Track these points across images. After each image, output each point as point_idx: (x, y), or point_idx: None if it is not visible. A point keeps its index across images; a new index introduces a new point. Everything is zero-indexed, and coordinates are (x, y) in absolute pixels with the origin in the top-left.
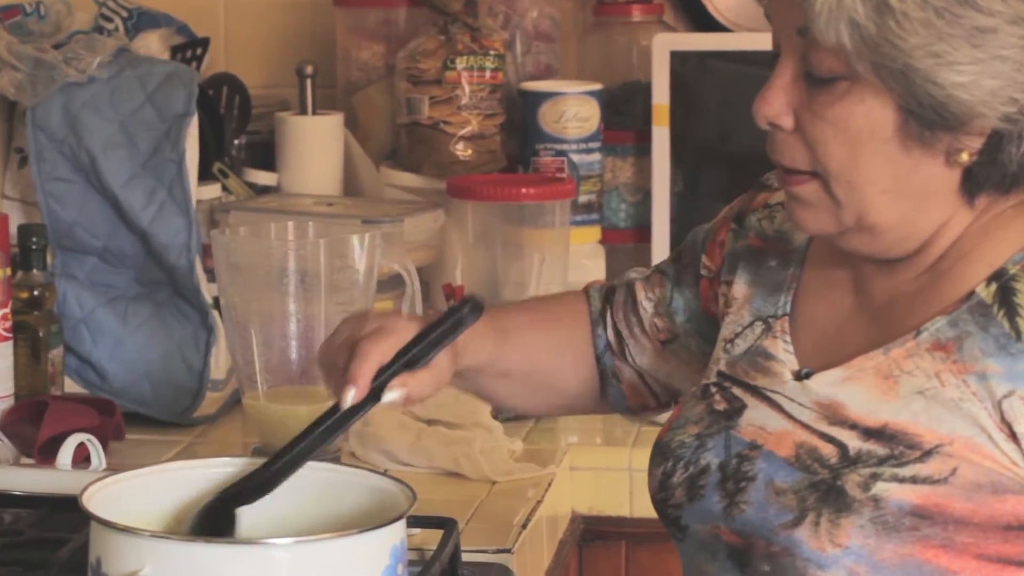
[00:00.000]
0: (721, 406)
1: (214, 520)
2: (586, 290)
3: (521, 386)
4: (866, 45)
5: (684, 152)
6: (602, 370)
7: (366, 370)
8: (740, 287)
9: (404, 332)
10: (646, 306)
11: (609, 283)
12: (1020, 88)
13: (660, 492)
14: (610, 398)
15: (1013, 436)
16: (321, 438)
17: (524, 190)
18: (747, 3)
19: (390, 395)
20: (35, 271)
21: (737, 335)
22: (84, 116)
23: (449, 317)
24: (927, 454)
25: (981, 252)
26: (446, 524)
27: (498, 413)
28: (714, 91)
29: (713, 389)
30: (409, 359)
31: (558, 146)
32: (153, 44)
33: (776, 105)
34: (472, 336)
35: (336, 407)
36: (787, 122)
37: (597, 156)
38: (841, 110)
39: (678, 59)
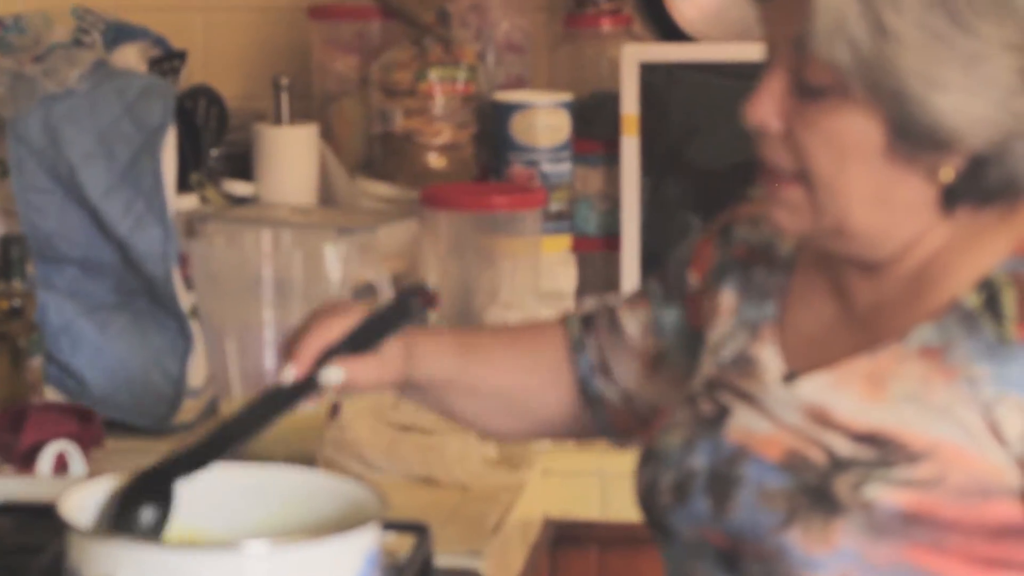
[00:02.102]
0: (708, 410)
1: (146, 491)
2: (563, 319)
3: (489, 404)
4: (862, 64)
5: (653, 161)
6: (588, 397)
7: (311, 347)
8: (727, 297)
9: (352, 316)
10: (633, 327)
11: (586, 310)
12: (1007, 113)
13: (647, 496)
14: (597, 425)
15: (1001, 440)
16: (260, 417)
17: (496, 199)
18: (715, 14)
19: (328, 373)
20: (15, 281)
21: (724, 342)
22: (63, 128)
23: (396, 303)
24: (916, 458)
25: (967, 260)
26: (419, 529)
27: None
28: (682, 101)
29: (700, 395)
30: (355, 342)
31: (529, 156)
32: (131, 57)
33: (766, 109)
34: (431, 346)
35: (278, 388)
36: (776, 126)
37: (567, 166)
38: (831, 122)
39: (647, 70)
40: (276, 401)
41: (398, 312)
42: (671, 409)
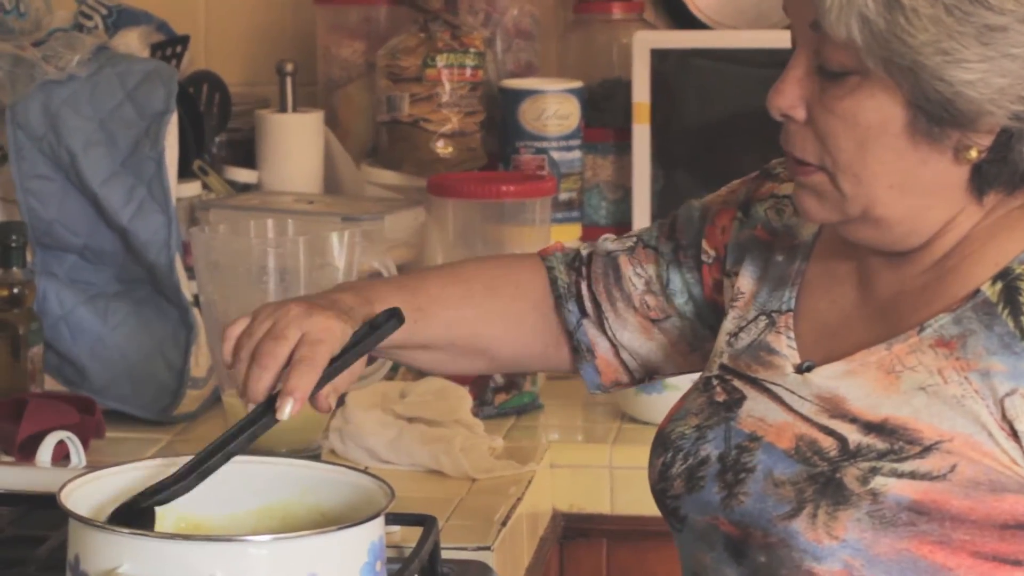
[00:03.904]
0: (721, 398)
1: (130, 517)
2: (543, 257)
3: (446, 355)
4: (876, 40)
5: (664, 150)
6: (575, 345)
7: (308, 383)
8: (746, 281)
9: (334, 341)
10: (635, 282)
11: (573, 251)
12: None
13: (660, 483)
14: (584, 374)
15: (1014, 434)
16: (245, 442)
17: (504, 188)
18: (728, 0)
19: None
20: (15, 269)
21: (741, 329)
22: (64, 114)
23: (373, 330)
24: (927, 450)
25: (987, 251)
26: (426, 521)
27: (478, 410)
28: (695, 89)
29: (714, 382)
30: (336, 368)
31: (538, 144)
32: (133, 42)
33: (789, 97)
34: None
35: (262, 409)
36: (800, 114)
37: (577, 154)
38: (851, 104)
39: (658, 57)
40: (256, 428)
41: (375, 339)
42: (685, 396)
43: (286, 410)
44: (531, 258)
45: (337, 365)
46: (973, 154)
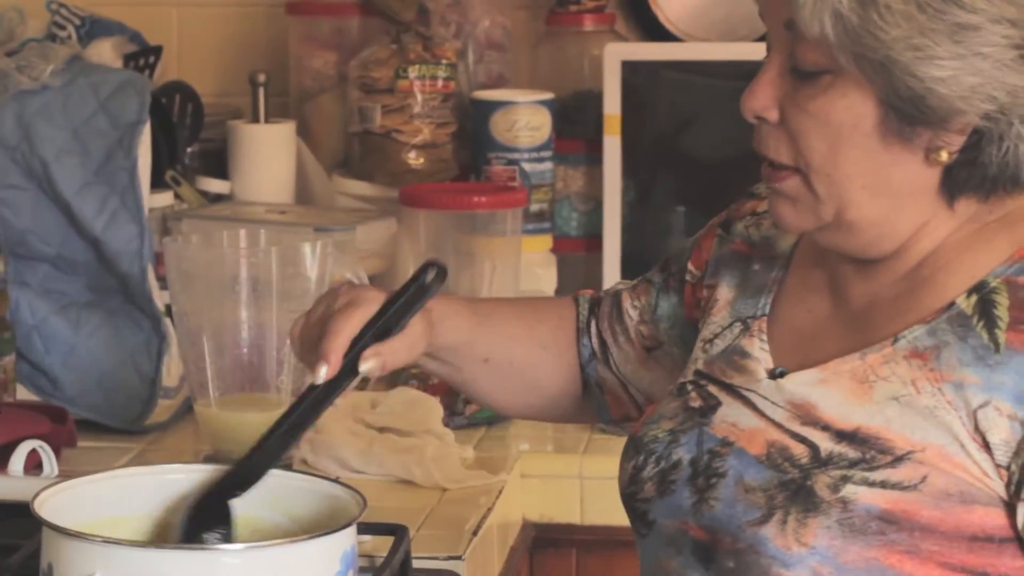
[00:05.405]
0: (696, 403)
1: (207, 515)
2: (575, 297)
3: (502, 376)
4: (848, 36)
5: (635, 161)
6: (586, 380)
7: (338, 345)
8: (724, 290)
9: (372, 304)
10: (632, 314)
11: (597, 293)
12: (1000, 87)
13: (630, 486)
14: (594, 409)
15: (986, 446)
16: (302, 417)
17: (476, 199)
18: (699, 13)
19: (365, 365)
20: None
21: (716, 335)
22: (37, 124)
23: (413, 282)
24: (898, 460)
25: (962, 263)
26: (397, 531)
27: (449, 420)
28: (665, 101)
29: (689, 387)
30: (380, 329)
31: (510, 155)
32: (106, 52)
33: (762, 98)
34: (448, 312)
35: (312, 387)
36: (772, 115)
37: (549, 165)
38: (824, 103)
39: (629, 69)
40: (314, 400)
41: (416, 292)
42: (659, 400)
43: (320, 373)
44: (566, 298)
45: (379, 325)
46: (944, 156)
